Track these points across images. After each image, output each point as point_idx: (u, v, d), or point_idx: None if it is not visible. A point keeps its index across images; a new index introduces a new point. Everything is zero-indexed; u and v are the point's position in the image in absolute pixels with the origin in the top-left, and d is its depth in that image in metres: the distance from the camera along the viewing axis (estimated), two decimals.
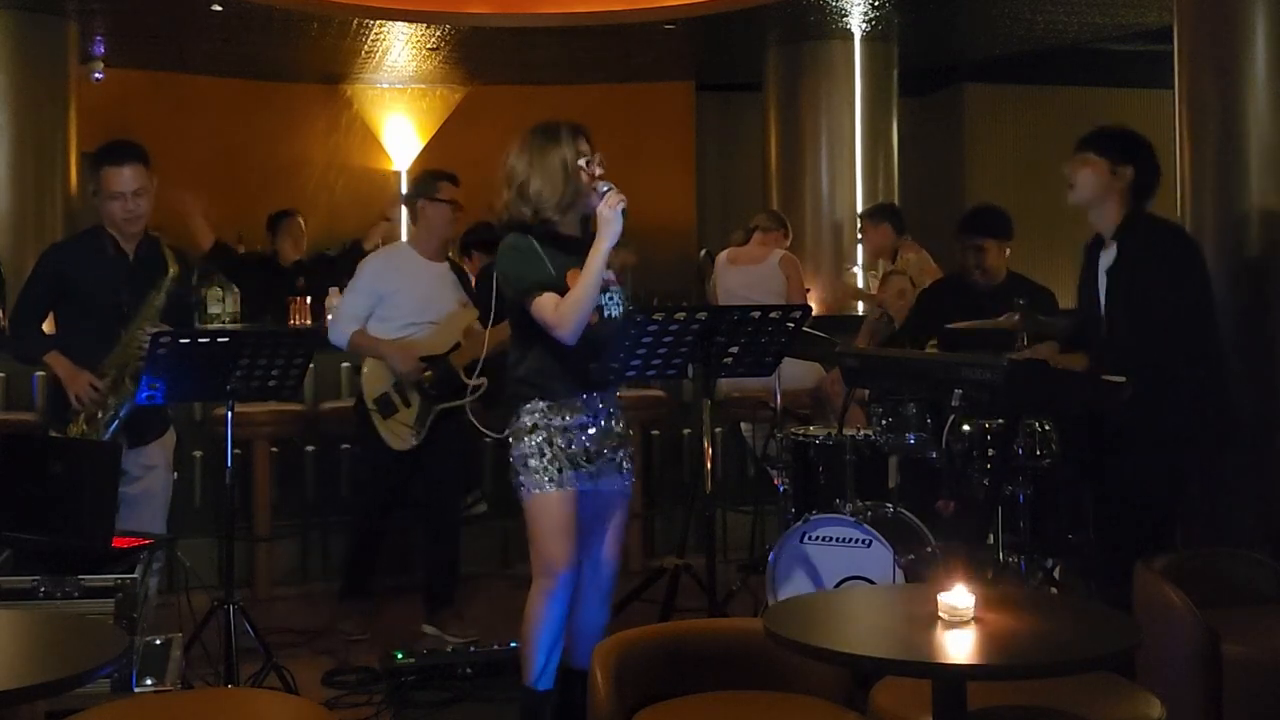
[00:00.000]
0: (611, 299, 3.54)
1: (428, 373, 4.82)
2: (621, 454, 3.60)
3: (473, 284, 5.31)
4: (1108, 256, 3.97)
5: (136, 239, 4.18)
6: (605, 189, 3.43)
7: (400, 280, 4.88)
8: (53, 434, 4.15)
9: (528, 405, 3.51)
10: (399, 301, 4.86)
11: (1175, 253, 3.94)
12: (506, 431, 3.56)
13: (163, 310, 4.15)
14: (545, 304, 3.44)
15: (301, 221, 7.62)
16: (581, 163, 3.49)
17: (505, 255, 3.54)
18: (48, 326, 4.39)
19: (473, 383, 4.81)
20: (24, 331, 4.28)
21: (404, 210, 5.71)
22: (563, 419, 3.48)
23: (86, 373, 4.08)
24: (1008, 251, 4.97)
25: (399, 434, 4.87)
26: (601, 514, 3.61)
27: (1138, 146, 4.00)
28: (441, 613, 4.98)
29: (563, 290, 3.42)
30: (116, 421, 4.09)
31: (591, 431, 3.51)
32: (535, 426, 3.48)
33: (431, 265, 4.96)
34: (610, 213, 3.38)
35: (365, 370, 4.98)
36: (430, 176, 5.06)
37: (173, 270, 4.14)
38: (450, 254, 6.34)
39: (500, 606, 5.10)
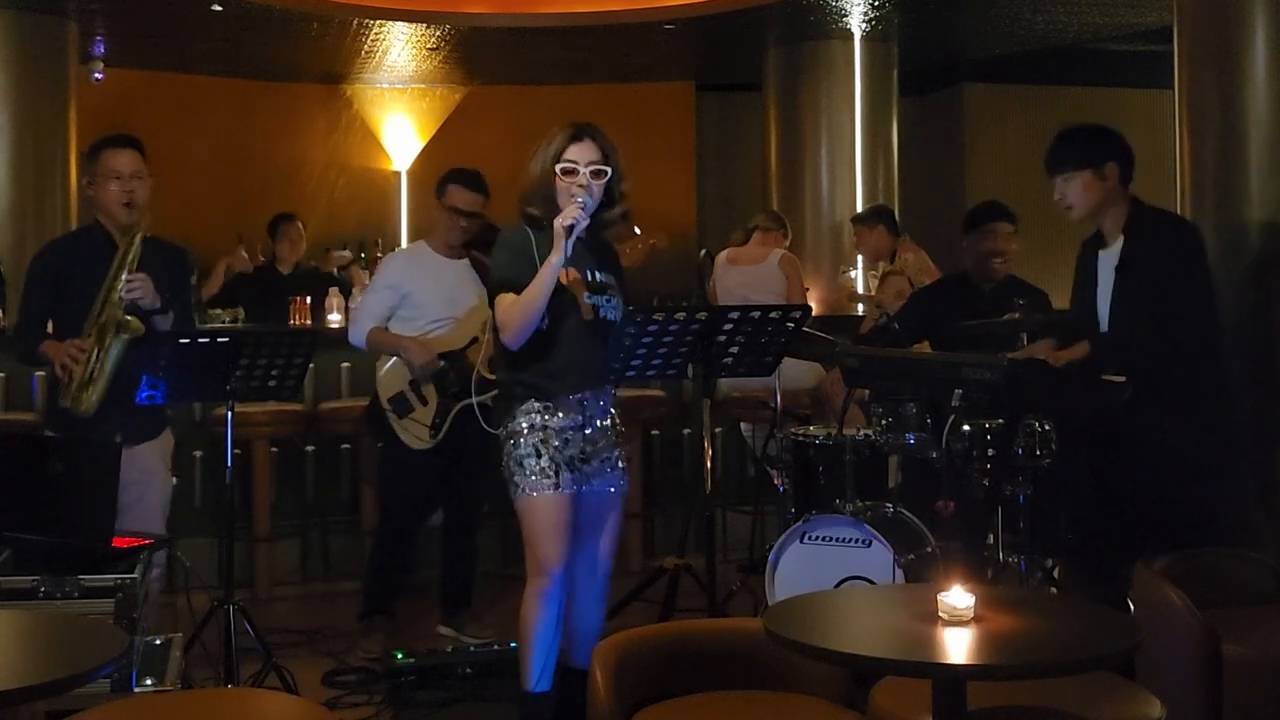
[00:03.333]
0: (609, 301, 3.52)
1: (442, 365, 4.72)
2: (616, 454, 3.57)
3: None
4: (1111, 253, 3.88)
5: (127, 230, 4.12)
6: (579, 201, 3.36)
7: (421, 278, 4.80)
8: (48, 433, 4.09)
9: (523, 406, 3.49)
10: (421, 300, 4.78)
11: (1184, 244, 3.85)
12: (501, 430, 3.55)
13: (147, 268, 3.91)
14: (500, 304, 3.45)
15: (301, 225, 7.63)
16: (558, 167, 3.45)
17: (496, 249, 3.55)
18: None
19: (492, 378, 4.79)
20: (28, 340, 4.13)
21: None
22: (558, 420, 3.46)
23: (69, 340, 3.93)
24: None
25: (416, 433, 4.77)
26: (597, 515, 3.59)
27: (1106, 139, 3.90)
28: (459, 614, 4.95)
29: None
30: (104, 381, 3.87)
31: (587, 432, 3.50)
32: (532, 428, 3.47)
33: (451, 262, 4.87)
34: (559, 227, 3.34)
35: (382, 370, 4.88)
36: (444, 178, 4.91)
37: (142, 224, 3.97)
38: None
39: (500, 606, 5.09)
